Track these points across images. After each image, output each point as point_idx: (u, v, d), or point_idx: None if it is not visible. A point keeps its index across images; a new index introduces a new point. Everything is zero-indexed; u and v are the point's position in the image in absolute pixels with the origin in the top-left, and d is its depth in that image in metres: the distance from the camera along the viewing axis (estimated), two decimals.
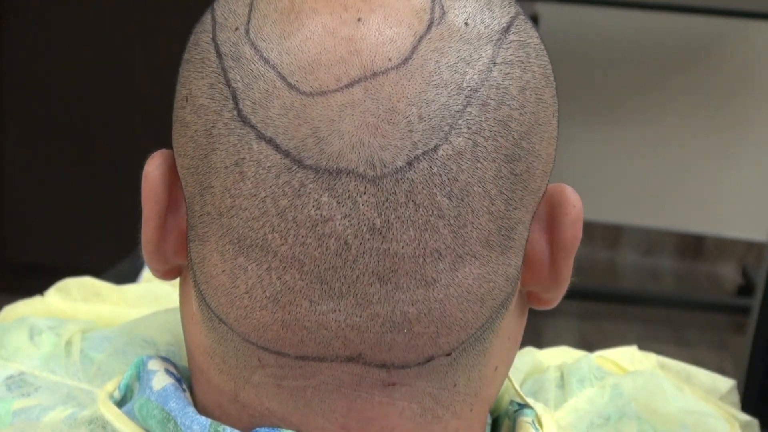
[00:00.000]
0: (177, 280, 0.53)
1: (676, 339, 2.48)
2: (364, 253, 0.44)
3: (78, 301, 0.73)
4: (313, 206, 0.44)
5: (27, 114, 2.23)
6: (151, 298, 0.74)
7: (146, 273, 0.84)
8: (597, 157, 2.80)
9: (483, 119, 0.45)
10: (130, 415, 0.51)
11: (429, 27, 0.45)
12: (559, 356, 0.69)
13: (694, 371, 0.71)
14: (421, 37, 0.45)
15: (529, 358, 0.67)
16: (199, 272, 0.48)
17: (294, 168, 0.44)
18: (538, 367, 0.67)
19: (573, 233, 0.49)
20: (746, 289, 2.64)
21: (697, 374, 0.71)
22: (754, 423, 0.69)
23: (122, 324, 0.64)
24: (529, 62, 0.47)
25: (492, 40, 0.46)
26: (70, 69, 2.19)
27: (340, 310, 0.45)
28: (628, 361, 0.70)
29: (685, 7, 2.37)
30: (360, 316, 0.45)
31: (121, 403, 0.53)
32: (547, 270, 0.49)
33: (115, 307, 0.72)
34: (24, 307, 0.70)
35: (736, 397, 0.71)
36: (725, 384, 0.71)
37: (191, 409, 0.48)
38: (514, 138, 0.46)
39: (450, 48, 0.45)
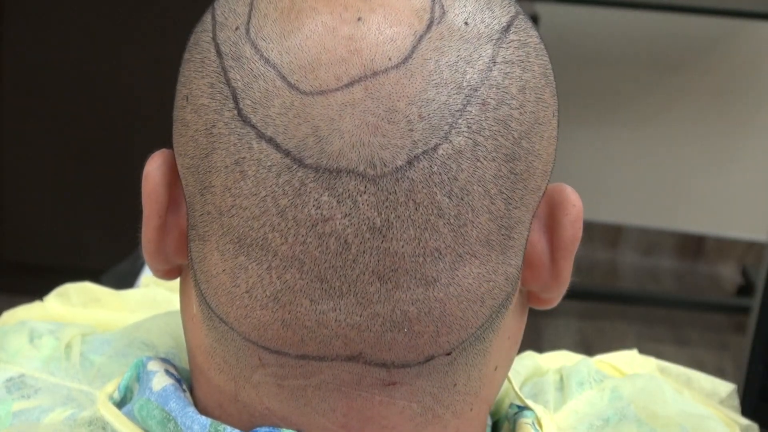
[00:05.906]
0: (177, 285, 0.53)
1: (676, 339, 2.48)
2: (364, 252, 0.44)
3: (77, 306, 0.72)
4: (314, 205, 0.44)
5: (27, 114, 2.23)
6: (151, 303, 0.74)
7: (145, 277, 0.83)
8: (597, 157, 2.80)
9: (483, 118, 0.45)
10: (130, 416, 0.51)
11: (429, 26, 0.45)
12: (558, 360, 0.69)
13: (694, 375, 0.71)
14: (421, 37, 0.45)
15: (529, 361, 0.67)
16: (200, 272, 0.48)
17: (294, 167, 0.44)
18: (537, 371, 0.67)
19: (573, 233, 0.49)
20: (746, 289, 2.64)
21: (697, 378, 0.71)
22: (753, 427, 0.68)
23: (122, 327, 0.64)
24: (529, 62, 0.47)
25: (492, 40, 0.46)
26: (70, 69, 2.19)
27: (340, 310, 0.45)
28: (627, 364, 0.69)
29: (685, 7, 2.37)
30: (360, 315, 0.45)
31: (120, 404, 0.53)
32: (547, 269, 0.49)
33: (114, 313, 0.72)
34: (24, 312, 0.70)
35: (736, 401, 0.71)
36: (725, 388, 0.70)
37: (191, 409, 0.48)
38: (513, 137, 0.46)
39: (450, 47, 0.45)
